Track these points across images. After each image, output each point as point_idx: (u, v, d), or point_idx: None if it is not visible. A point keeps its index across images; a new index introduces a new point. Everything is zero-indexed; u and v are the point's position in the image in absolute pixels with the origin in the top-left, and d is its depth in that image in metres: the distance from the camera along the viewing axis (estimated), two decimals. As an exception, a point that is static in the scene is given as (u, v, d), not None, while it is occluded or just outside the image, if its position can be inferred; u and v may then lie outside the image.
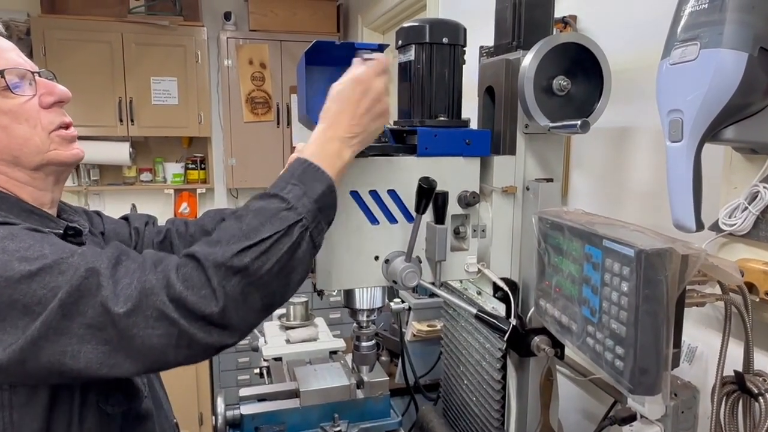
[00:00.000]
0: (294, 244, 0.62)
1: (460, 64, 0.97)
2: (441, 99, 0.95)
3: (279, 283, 0.61)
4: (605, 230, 0.69)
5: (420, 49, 0.94)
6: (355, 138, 0.75)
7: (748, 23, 0.66)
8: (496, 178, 0.97)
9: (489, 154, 0.95)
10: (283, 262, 0.61)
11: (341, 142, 0.74)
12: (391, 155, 0.92)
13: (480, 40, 1.44)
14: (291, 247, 0.62)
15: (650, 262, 0.60)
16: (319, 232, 0.66)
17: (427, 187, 0.84)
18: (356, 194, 0.89)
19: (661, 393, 0.62)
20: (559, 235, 0.79)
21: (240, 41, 3.45)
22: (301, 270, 0.63)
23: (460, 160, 0.93)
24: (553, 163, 0.99)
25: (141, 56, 3.23)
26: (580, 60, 0.92)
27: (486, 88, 1.03)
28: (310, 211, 0.66)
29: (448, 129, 0.93)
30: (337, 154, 0.73)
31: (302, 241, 0.63)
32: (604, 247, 0.67)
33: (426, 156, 0.91)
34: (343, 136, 0.74)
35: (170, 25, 3.27)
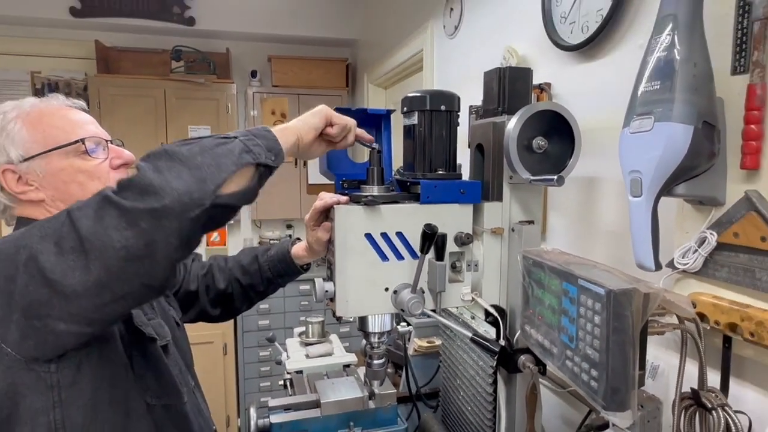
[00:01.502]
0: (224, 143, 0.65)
1: (455, 126, 1.00)
2: (439, 155, 0.99)
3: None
4: (580, 270, 0.72)
5: (422, 114, 0.98)
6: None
7: (693, 102, 0.70)
8: (486, 221, 1.00)
9: (480, 201, 0.98)
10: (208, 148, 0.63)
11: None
12: (399, 203, 0.95)
13: (469, 96, 1.48)
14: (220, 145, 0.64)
15: (618, 300, 0.62)
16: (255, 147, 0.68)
17: (430, 232, 0.87)
18: (370, 236, 0.92)
19: (631, 409, 0.64)
20: (540, 272, 0.82)
21: (264, 95, 3.53)
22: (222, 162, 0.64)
23: (456, 206, 0.96)
24: (534, 207, 1.02)
25: (180, 108, 3.32)
26: (555, 123, 0.96)
27: (477, 145, 1.07)
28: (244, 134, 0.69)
29: (446, 181, 0.97)
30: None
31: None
32: (579, 285, 0.70)
33: (428, 203, 0.94)
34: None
35: (205, 82, 3.37)
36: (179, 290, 1.09)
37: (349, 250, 0.91)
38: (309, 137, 0.83)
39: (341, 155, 1.04)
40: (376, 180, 0.96)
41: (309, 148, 0.85)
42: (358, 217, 0.91)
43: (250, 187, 0.67)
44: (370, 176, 0.96)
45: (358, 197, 0.93)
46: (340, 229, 0.91)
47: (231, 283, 1.11)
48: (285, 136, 0.79)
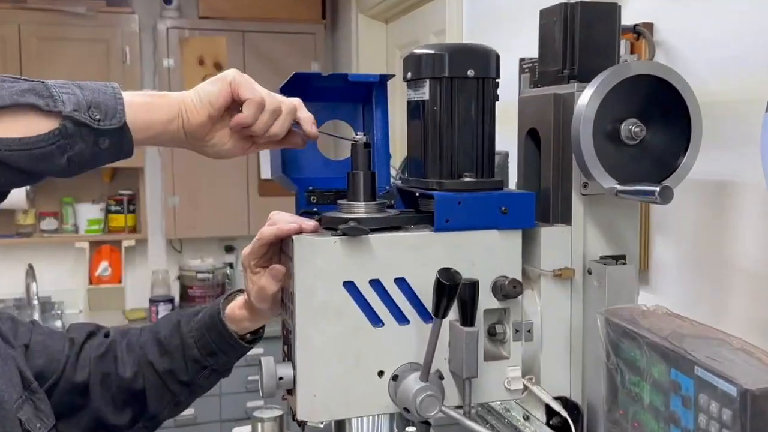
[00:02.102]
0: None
1: (492, 102, 1.01)
2: (466, 152, 1.00)
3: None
4: (698, 349, 0.72)
5: (437, 85, 0.99)
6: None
7: None
8: (544, 257, 1.00)
9: (534, 224, 0.99)
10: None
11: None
12: (400, 229, 0.96)
13: (519, 46, 1.48)
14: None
15: (759, 408, 0.63)
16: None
17: (449, 284, 0.87)
18: (352, 286, 0.93)
19: None
20: (634, 348, 0.83)
21: (186, 33, 3.56)
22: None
23: (494, 234, 0.97)
24: (626, 233, 1.03)
25: (46, 55, 3.31)
26: (658, 97, 0.97)
27: (529, 131, 1.08)
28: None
29: (477, 193, 0.98)
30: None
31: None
32: (696, 376, 0.70)
33: (447, 230, 0.95)
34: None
35: (87, 12, 3.31)
36: (56, 383, 1.09)
37: (318, 310, 0.91)
38: (198, 117, 0.89)
39: (307, 149, 1.06)
40: (362, 191, 0.97)
41: (203, 136, 0.91)
42: (333, 255, 0.91)
43: (31, 141, 0.79)
44: (352, 185, 0.98)
45: (333, 221, 0.95)
46: (303, 275, 0.92)
47: (142, 370, 1.13)
48: (146, 104, 0.87)
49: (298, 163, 1.08)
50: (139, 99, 0.86)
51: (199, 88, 0.90)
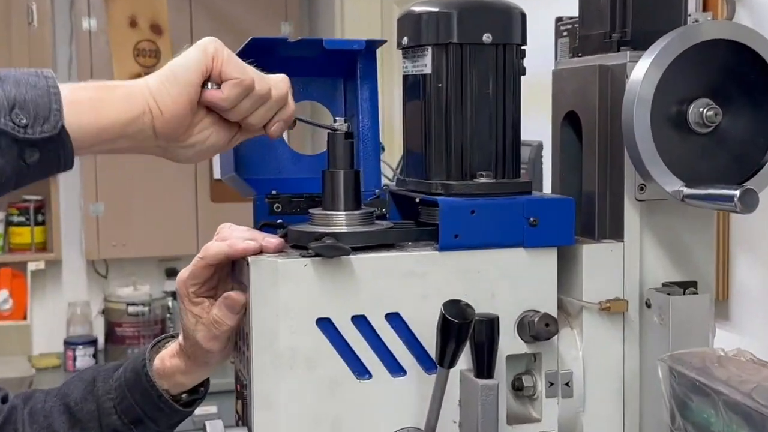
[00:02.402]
0: None
1: (516, 77, 1.02)
2: (482, 143, 1.01)
3: None
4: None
5: (442, 54, 0.99)
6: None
7: None
8: (588, 285, 1.01)
9: (573, 241, 1.00)
10: None
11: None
12: (393, 248, 0.96)
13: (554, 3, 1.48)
14: None
15: None
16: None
17: (458, 321, 0.87)
18: (328, 325, 0.93)
19: None
20: (707, 407, 0.82)
21: (114, -14, 3.56)
22: None
23: (519, 254, 0.97)
24: (696, 252, 1.03)
25: None
26: (739, 71, 0.97)
27: (566, 114, 1.08)
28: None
29: (497, 199, 0.98)
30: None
31: None
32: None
33: (456, 249, 0.96)
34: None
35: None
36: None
37: (282, 357, 0.91)
38: (176, 107, 0.89)
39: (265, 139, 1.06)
40: (343, 197, 0.98)
41: (181, 133, 0.91)
42: (302, 284, 0.92)
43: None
44: (330, 189, 0.98)
45: (303, 237, 0.95)
46: (263, 311, 0.92)
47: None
48: (94, 99, 0.87)
49: (256, 160, 1.09)
50: (84, 93, 0.85)
51: (170, 66, 0.89)
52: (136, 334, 3.75)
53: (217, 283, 1.01)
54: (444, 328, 0.88)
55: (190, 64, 0.89)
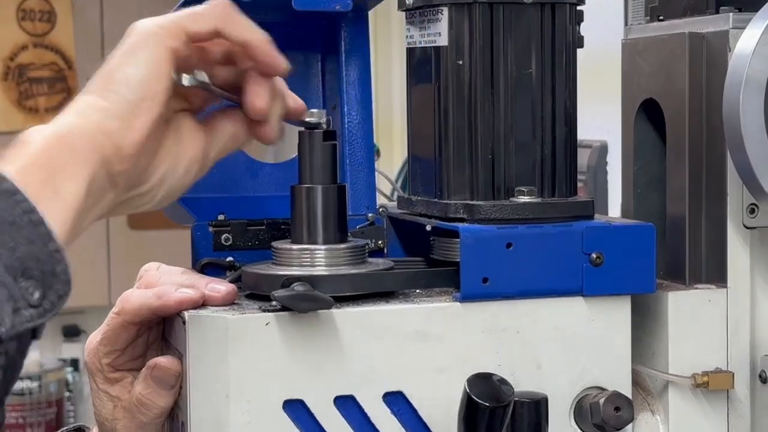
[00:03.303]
0: None
1: (571, 50, 1.03)
2: (522, 147, 1.01)
3: None
4: None
5: (463, 17, 1.00)
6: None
7: None
8: (675, 350, 1.01)
9: (654, 288, 1.00)
10: None
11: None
12: (394, 298, 0.97)
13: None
14: None
15: None
16: None
17: (489, 405, 0.87)
18: (300, 408, 0.93)
19: None
20: None
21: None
22: None
23: (576, 306, 0.98)
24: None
25: None
26: None
27: (643, 102, 1.09)
28: None
29: (543, 226, 0.98)
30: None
31: None
32: None
33: (485, 299, 0.96)
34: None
35: None
36: None
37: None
38: (137, 132, 0.87)
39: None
40: (320, 224, 0.98)
41: (146, 166, 0.90)
42: (264, 350, 0.92)
43: None
44: (302, 212, 0.99)
45: (264, 282, 0.96)
46: (204, 388, 0.92)
47: None
48: (45, 171, 0.84)
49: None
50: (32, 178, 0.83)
51: (121, 56, 0.91)
52: (20, 422, 3.73)
53: (143, 351, 1.01)
54: (469, 415, 0.87)
55: (145, 56, 0.90)
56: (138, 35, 0.90)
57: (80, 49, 3.81)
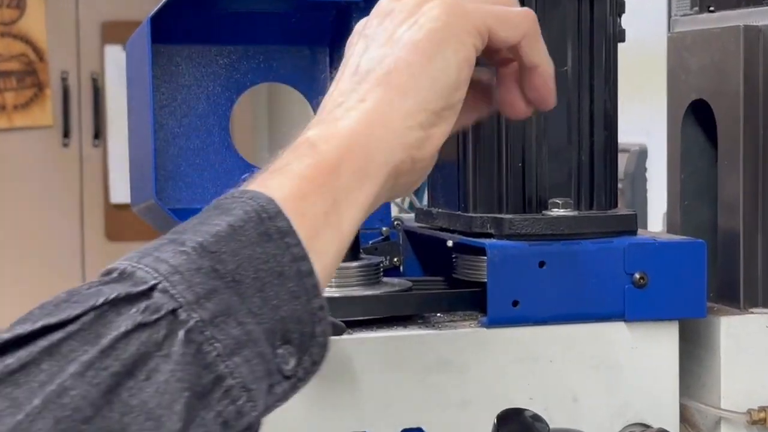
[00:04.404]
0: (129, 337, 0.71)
1: (611, 43, 1.03)
2: (556, 154, 1.02)
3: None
4: None
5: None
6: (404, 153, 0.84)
7: None
8: (728, 382, 1.01)
9: (705, 313, 1.00)
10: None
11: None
12: (412, 322, 0.97)
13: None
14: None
15: None
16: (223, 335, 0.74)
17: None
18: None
19: None
20: None
21: None
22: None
23: (618, 332, 0.98)
24: None
25: None
26: None
27: (691, 104, 1.09)
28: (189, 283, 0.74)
29: (580, 242, 0.99)
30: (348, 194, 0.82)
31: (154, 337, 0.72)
32: None
33: (515, 324, 0.97)
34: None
35: None
36: None
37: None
38: (446, 129, 0.87)
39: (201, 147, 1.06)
40: None
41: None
42: None
43: None
44: None
45: None
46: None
47: None
48: (330, 213, 0.81)
49: (189, 177, 1.10)
50: (313, 211, 0.79)
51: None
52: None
53: None
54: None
55: (451, 59, 0.86)
56: (445, 25, 0.86)
57: (53, 38, 3.81)
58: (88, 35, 3.89)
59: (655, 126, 1.12)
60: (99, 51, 4.17)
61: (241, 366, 0.73)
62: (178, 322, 0.71)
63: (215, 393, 0.72)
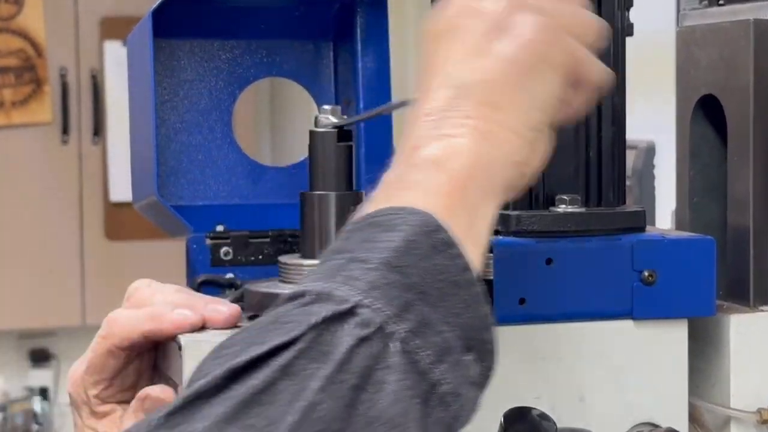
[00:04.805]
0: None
1: (619, 37, 1.03)
2: (563, 150, 0.99)
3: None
4: None
5: (497, 2, 0.99)
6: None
7: None
8: (738, 381, 1.01)
9: (714, 311, 1.00)
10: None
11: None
12: None
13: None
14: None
15: None
16: (430, 348, 0.77)
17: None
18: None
19: None
20: None
21: None
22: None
23: (625, 330, 0.98)
24: None
25: None
26: None
27: (700, 99, 1.09)
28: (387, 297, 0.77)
29: (587, 239, 0.99)
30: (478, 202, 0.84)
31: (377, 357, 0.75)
32: None
33: (522, 322, 0.97)
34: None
35: None
36: None
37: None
38: (547, 146, 0.89)
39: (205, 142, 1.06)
40: (333, 233, 0.97)
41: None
42: None
43: None
44: (313, 222, 0.99)
45: (268, 300, 0.95)
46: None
47: None
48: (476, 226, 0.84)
49: (192, 174, 1.10)
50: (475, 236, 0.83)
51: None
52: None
53: (134, 380, 1.01)
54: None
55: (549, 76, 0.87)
56: (542, 40, 0.87)
57: (51, 34, 3.81)
58: (87, 31, 3.90)
59: (664, 122, 1.12)
60: (98, 47, 4.18)
61: (448, 372, 0.75)
62: (387, 335, 0.74)
63: (433, 400, 0.75)
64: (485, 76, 0.85)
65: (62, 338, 3.96)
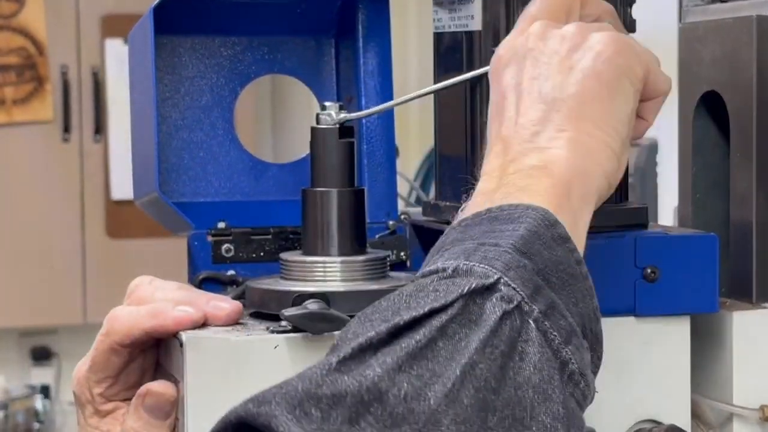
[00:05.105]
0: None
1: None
2: None
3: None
4: None
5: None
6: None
7: None
8: (740, 378, 1.01)
9: (717, 307, 1.00)
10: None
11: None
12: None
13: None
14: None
15: None
16: (558, 330, 0.82)
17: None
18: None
19: None
20: None
21: None
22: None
23: (628, 327, 0.99)
24: None
25: None
26: None
27: (702, 96, 1.09)
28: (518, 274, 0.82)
29: (591, 235, 0.95)
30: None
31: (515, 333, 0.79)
32: None
33: None
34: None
35: None
36: None
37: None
38: (628, 157, 0.93)
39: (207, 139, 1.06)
40: (336, 234, 0.99)
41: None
42: (269, 375, 0.89)
43: None
44: (314, 220, 0.99)
45: (272, 299, 0.96)
46: (205, 417, 0.90)
47: None
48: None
49: (193, 171, 1.10)
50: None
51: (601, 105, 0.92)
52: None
53: (138, 377, 1.01)
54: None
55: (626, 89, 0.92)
56: (619, 55, 0.92)
57: (52, 32, 3.81)
58: (88, 29, 3.90)
59: (666, 119, 1.11)
60: (99, 45, 4.18)
61: (575, 353, 0.81)
62: (525, 312, 0.79)
63: (563, 376, 0.79)
64: (573, 90, 0.89)
65: (63, 336, 3.96)
